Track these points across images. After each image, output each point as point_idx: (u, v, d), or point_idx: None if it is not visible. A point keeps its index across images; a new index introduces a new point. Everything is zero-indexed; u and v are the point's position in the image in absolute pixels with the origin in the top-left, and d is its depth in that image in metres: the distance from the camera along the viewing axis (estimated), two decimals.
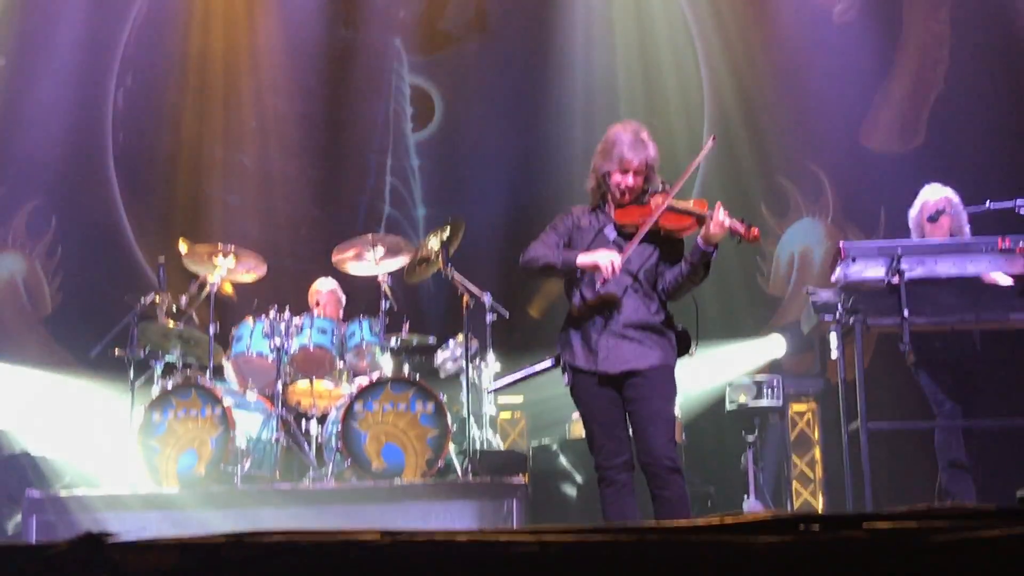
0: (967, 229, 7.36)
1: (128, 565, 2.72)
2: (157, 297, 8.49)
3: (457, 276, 8.41)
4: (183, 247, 8.61)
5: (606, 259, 5.14)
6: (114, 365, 8.64)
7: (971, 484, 7.11)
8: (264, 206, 11.43)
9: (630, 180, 5.32)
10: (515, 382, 5.96)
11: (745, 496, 8.62)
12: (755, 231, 5.27)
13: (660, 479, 5.17)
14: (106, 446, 8.48)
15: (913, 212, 7.47)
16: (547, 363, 5.58)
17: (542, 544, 2.76)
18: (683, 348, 5.41)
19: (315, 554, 2.73)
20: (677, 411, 7.00)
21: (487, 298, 8.46)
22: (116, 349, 8.39)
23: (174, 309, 8.57)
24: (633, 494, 5.31)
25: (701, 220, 5.22)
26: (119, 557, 2.76)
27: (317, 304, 8.86)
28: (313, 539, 2.79)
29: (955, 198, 7.36)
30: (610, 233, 5.37)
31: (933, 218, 7.28)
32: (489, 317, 8.50)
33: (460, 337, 8.48)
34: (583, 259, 5.22)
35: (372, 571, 2.65)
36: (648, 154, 5.34)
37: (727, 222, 5.18)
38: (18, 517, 7.77)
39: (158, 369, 8.48)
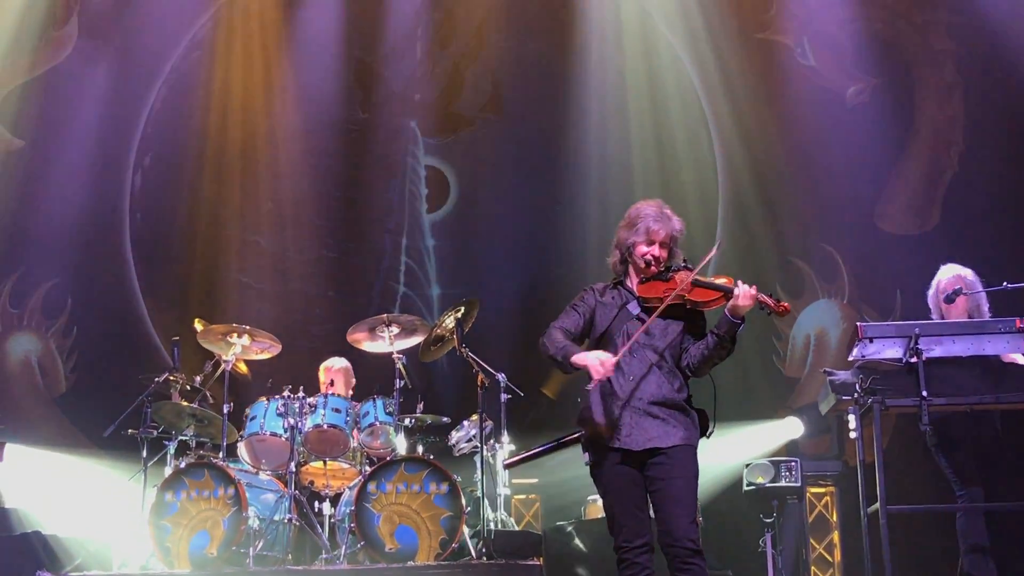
0: (985, 308, 7.33)
1: None
2: (171, 376, 8.51)
3: (471, 356, 8.39)
4: (198, 326, 8.63)
5: (595, 361, 5.11)
6: (127, 444, 8.63)
7: (992, 567, 7.00)
8: (279, 287, 11.47)
9: (656, 251, 5.34)
10: (532, 457, 5.88)
11: None
12: (785, 304, 5.27)
13: (681, 561, 5.08)
14: (118, 526, 8.41)
15: (930, 292, 7.48)
16: (567, 438, 5.49)
17: None
18: (701, 429, 5.36)
19: None
20: None
21: (501, 378, 8.44)
22: (129, 429, 8.38)
23: (188, 388, 8.58)
24: None
25: (728, 294, 5.21)
26: None
27: (332, 384, 8.84)
28: None
29: (971, 277, 7.34)
30: (633, 308, 5.35)
31: (950, 299, 7.26)
32: (504, 397, 8.49)
33: (474, 417, 8.44)
34: (576, 359, 5.20)
35: None
36: (673, 226, 5.38)
37: (756, 293, 5.17)
38: None
39: (171, 449, 8.45)
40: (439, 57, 11.93)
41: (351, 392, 8.95)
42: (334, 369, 9.04)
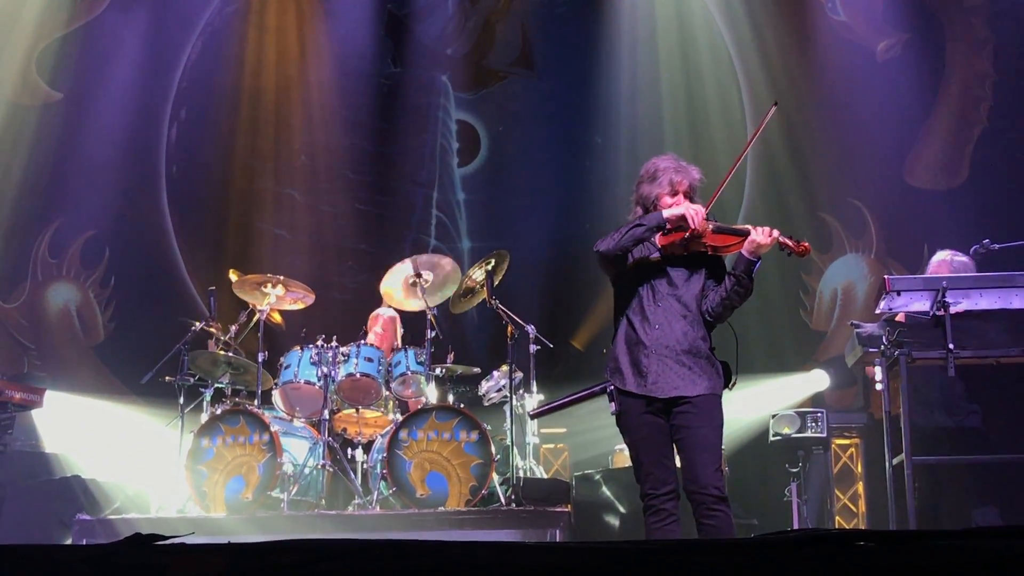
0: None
1: (176, 567, 2.77)
2: (207, 325, 8.63)
3: (501, 307, 8.48)
4: (233, 277, 8.75)
5: (691, 209, 5.21)
6: (164, 392, 8.79)
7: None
8: (312, 239, 11.59)
9: (681, 200, 5.39)
10: (558, 407, 5.97)
11: (788, 530, 8.57)
12: (805, 244, 5.31)
13: (706, 508, 5.15)
14: (155, 471, 8.58)
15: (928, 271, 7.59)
16: (592, 389, 5.57)
17: (592, 551, 2.82)
18: (724, 381, 5.41)
19: (366, 558, 2.79)
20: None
21: (531, 329, 8.51)
22: (166, 376, 8.52)
23: (224, 337, 8.70)
24: (679, 523, 5.29)
25: (747, 237, 5.28)
26: (167, 560, 2.81)
27: (375, 331, 8.97)
28: (364, 545, 2.85)
29: (957, 261, 7.45)
30: (652, 254, 5.40)
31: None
32: (533, 348, 8.56)
33: (504, 367, 8.54)
34: (669, 212, 5.27)
35: (423, 575, 2.71)
36: (693, 175, 5.44)
37: (775, 233, 5.24)
38: (68, 540, 7.86)
39: (207, 396, 8.59)
40: (470, 11, 11.96)
41: (398, 342, 9.05)
42: (385, 318, 9.15)
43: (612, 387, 5.37)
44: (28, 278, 11.17)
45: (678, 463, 5.33)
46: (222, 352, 8.52)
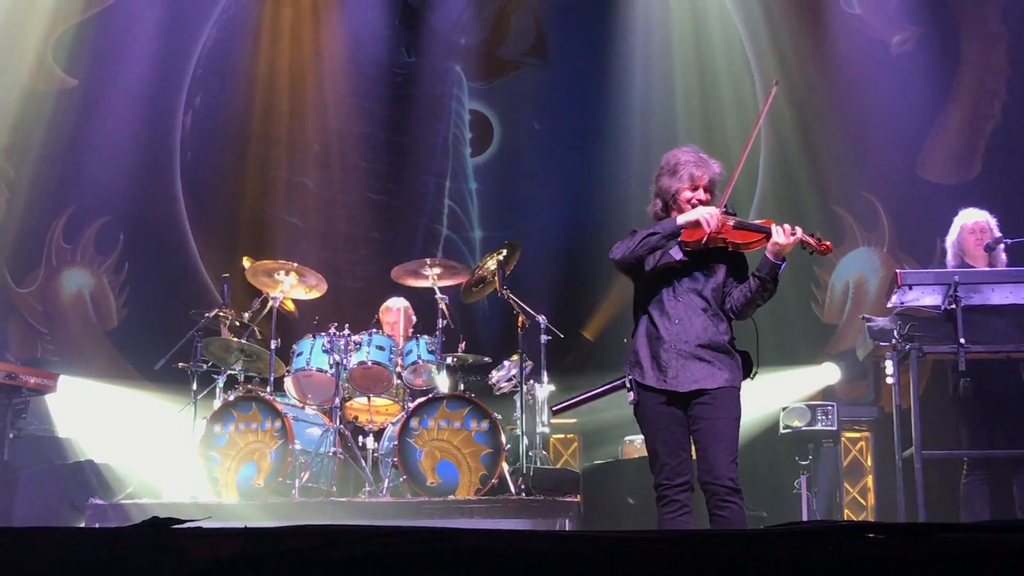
0: (1004, 257, 7.41)
1: (193, 550, 2.81)
2: (221, 312, 8.67)
3: (513, 297, 8.51)
4: (247, 264, 8.79)
5: (705, 212, 5.22)
6: (177, 378, 8.83)
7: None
8: (325, 227, 11.63)
9: (701, 195, 5.38)
10: (581, 402, 5.98)
11: (798, 522, 8.60)
12: (827, 243, 5.33)
13: (720, 499, 5.19)
14: (168, 457, 8.62)
15: (951, 238, 7.54)
16: (612, 384, 5.58)
17: (601, 540, 2.85)
18: (744, 371, 5.42)
19: (379, 543, 2.83)
20: None
21: (542, 319, 8.53)
22: (180, 362, 8.56)
23: (237, 324, 8.75)
24: (691, 515, 5.30)
25: (769, 235, 5.27)
26: (184, 542, 2.85)
27: (388, 323, 9.01)
28: (376, 531, 2.89)
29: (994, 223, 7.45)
30: (676, 253, 5.37)
31: (990, 248, 7.34)
32: (544, 338, 8.57)
33: (515, 357, 8.56)
34: (683, 219, 5.28)
35: (433, 560, 2.75)
36: (714, 170, 5.44)
37: (798, 233, 5.24)
38: (81, 524, 7.90)
39: (220, 382, 8.63)
40: (485, 1, 11.99)
41: (411, 331, 9.06)
42: (394, 309, 9.20)
43: (631, 378, 5.38)
44: (42, 263, 11.22)
45: (694, 456, 5.36)
46: (235, 339, 8.56)
